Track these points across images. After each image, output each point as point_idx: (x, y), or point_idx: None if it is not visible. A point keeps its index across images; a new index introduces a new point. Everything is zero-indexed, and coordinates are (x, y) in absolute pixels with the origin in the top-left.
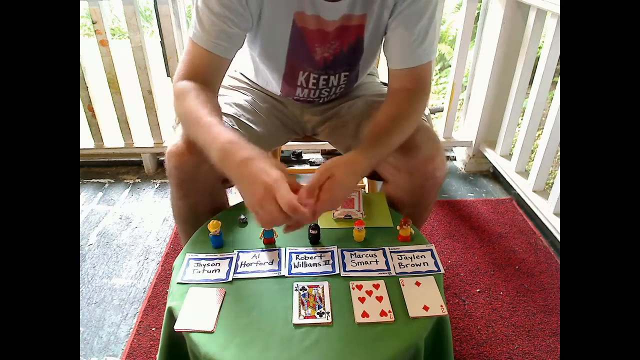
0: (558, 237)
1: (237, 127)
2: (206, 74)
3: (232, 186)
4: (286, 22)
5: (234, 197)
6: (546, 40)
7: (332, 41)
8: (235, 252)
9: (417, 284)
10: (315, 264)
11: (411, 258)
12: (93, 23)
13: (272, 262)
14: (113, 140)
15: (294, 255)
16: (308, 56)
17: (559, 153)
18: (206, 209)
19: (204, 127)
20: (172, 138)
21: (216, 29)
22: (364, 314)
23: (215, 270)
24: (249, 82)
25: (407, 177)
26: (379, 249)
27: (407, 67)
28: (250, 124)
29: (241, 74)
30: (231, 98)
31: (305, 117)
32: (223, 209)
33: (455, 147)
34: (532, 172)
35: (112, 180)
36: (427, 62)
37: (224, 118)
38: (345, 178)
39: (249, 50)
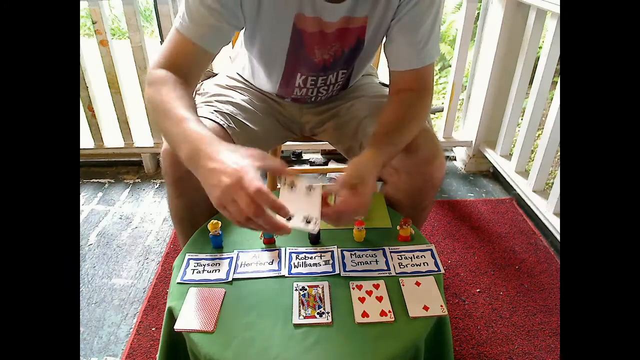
0: (558, 237)
1: (233, 126)
2: (186, 65)
3: None
4: (287, 23)
5: None
6: (546, 40)
7: (332, 43)
8: (235, 252)
9: (417, 284)
10: (315, 264)
11: (411, 258)
12: (93, 23)
13: (272, 262)
14: (113, 140)
15: (294, 255)
16: (307, 59)
17: (559, 153)
18: (203, 208)
19: (174, 121)
20: None
21: (204, 22)
22: (364, 314)
23: (215, 270)
24: (246, 83)
25: (406, 178)
26: (379, 249)
27: (411, 68)
28: (247, 123)
29: (238, 74)
30: (228, 97)
31: (304, 118)
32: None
33: (455, 147)
34: (532, 172)
35: (112, 180)
36: (430, 63)
37: (221, 117)
38: (373, 182)
39: (246, 51)
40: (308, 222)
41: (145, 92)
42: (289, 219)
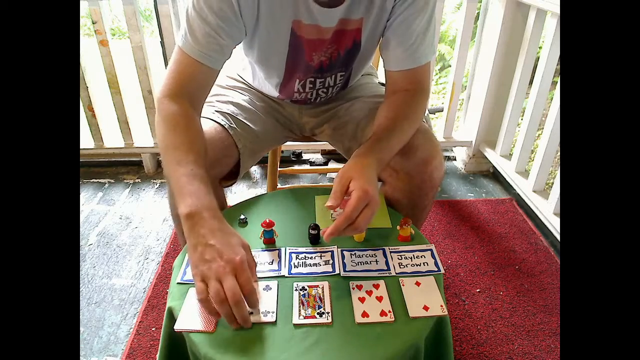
0: (558, 237)
1: (234, 126)
2: (194, 87)
3: (229, 185)
4: (285, 30)
5: (232, 197)
6: (546, 40)
7: (329, 45)
8: None
9: (417, 284)
10: (315, 264)
11: (411, 258)
12: (93, 23)
13: (272, 262)
14: (113, 140)
15: (294, 255)
16: (305, 63)
17: (559, 153)
18: None
19: (183, 171)
20: None
21: (208, 40)
22: (364, 314)
23: None
24: (246, 83)
25: (405, 179)
26: (379, 249)
27: (405, 69)
28: (248, 123)
29: (239, 75)
30: (228, 97)
31: (304, 119)
32: (221, 208)
33: (455, 147)
34: (532, 172)
35: (112, 180)
36: (426, 63)
37: (222, 117)
38: (366, 177)
39: (245, 55)
40: (265, 315)
41: (156, 123)
42: (250, 313)
